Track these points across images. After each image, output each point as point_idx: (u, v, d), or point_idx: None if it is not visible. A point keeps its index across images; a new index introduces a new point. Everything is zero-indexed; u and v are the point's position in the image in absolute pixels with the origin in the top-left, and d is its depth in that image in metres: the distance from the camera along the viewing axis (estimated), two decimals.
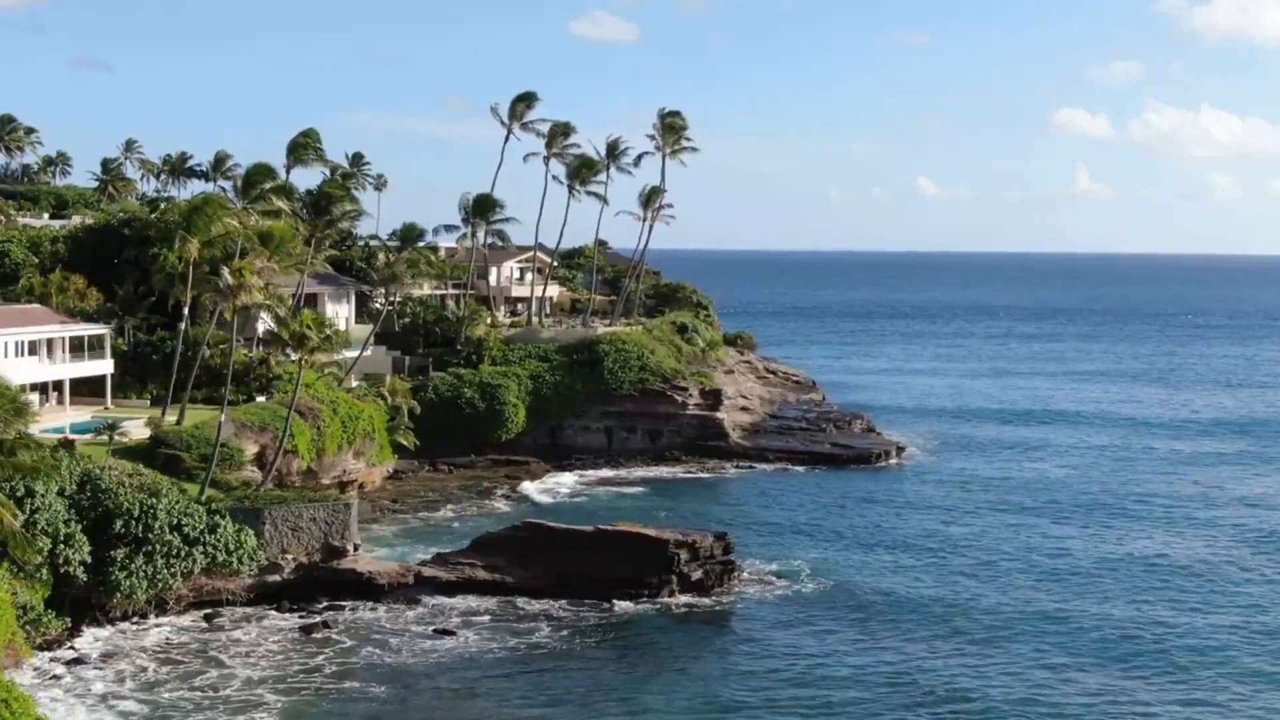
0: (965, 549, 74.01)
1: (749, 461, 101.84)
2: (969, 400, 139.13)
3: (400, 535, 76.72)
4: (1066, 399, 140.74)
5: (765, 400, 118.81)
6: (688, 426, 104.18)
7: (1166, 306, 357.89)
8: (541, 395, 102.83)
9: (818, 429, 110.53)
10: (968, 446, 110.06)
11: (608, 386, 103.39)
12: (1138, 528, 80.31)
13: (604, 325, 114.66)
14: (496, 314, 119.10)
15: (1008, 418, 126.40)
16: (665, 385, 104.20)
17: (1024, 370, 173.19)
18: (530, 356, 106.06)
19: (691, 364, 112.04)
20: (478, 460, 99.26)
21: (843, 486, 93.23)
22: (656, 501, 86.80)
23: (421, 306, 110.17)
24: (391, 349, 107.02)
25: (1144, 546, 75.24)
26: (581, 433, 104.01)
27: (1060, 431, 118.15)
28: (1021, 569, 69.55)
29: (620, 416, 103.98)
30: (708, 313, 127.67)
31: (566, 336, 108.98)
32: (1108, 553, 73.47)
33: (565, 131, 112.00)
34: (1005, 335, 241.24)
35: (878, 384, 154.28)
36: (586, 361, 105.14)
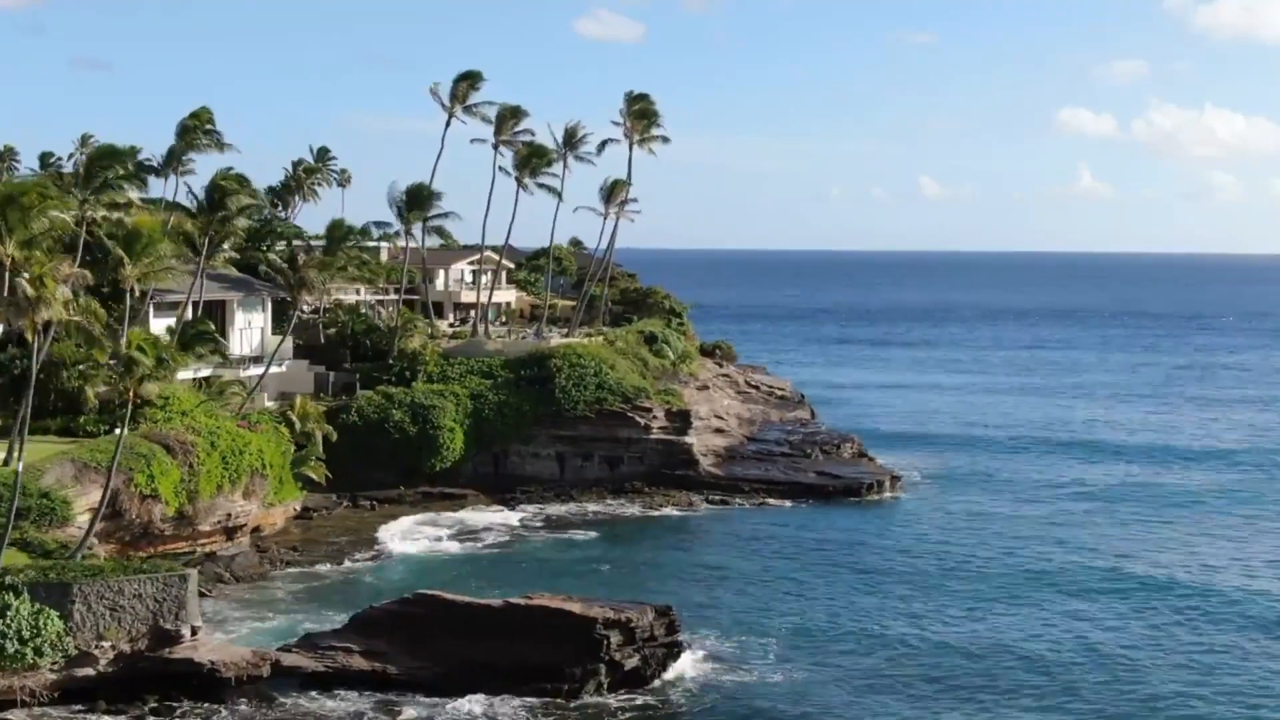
0: (963, 626, 60.25)
1: (721, 494, 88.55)
2: (973, 418, 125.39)
3: (288, 599, 63.49)
4: (1086, 419, 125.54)
5: (744, 420, 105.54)
6: (652, 453, 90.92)
7: (1182, 307, 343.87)
8: (483, 417, 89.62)
9: (802, 454, 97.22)
10: (971, 476, 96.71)
11: (560, 407, 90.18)
12: (1176, 598, 63.81)
13: (560, 336, 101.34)
14: (440, 323, 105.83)
15: (1018, 441, 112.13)
16: (626, 406, 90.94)
17: (1037, 383, 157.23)
18: (472, 372, 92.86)
19: (660, 379, 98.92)
20: (407, 494, 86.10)
21: (827, 526, 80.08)
22: (605, 549, 73.59)
23: (351, 315, 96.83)
24: (316, 363, 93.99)
25: (1184, 626, 61.43)
26: (530, 460, 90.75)
27: (1080, 460, 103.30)
28: (1040, 664, 54.85)
29: (574, 441, 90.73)
30: (681, 321, 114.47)
31: (515, 349, 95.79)
32: (1143, 638, 58.54)
33: (515, 115, 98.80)
34: (1015, 341, 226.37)
35: (873, 398, 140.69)
36: (536, 378, 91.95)
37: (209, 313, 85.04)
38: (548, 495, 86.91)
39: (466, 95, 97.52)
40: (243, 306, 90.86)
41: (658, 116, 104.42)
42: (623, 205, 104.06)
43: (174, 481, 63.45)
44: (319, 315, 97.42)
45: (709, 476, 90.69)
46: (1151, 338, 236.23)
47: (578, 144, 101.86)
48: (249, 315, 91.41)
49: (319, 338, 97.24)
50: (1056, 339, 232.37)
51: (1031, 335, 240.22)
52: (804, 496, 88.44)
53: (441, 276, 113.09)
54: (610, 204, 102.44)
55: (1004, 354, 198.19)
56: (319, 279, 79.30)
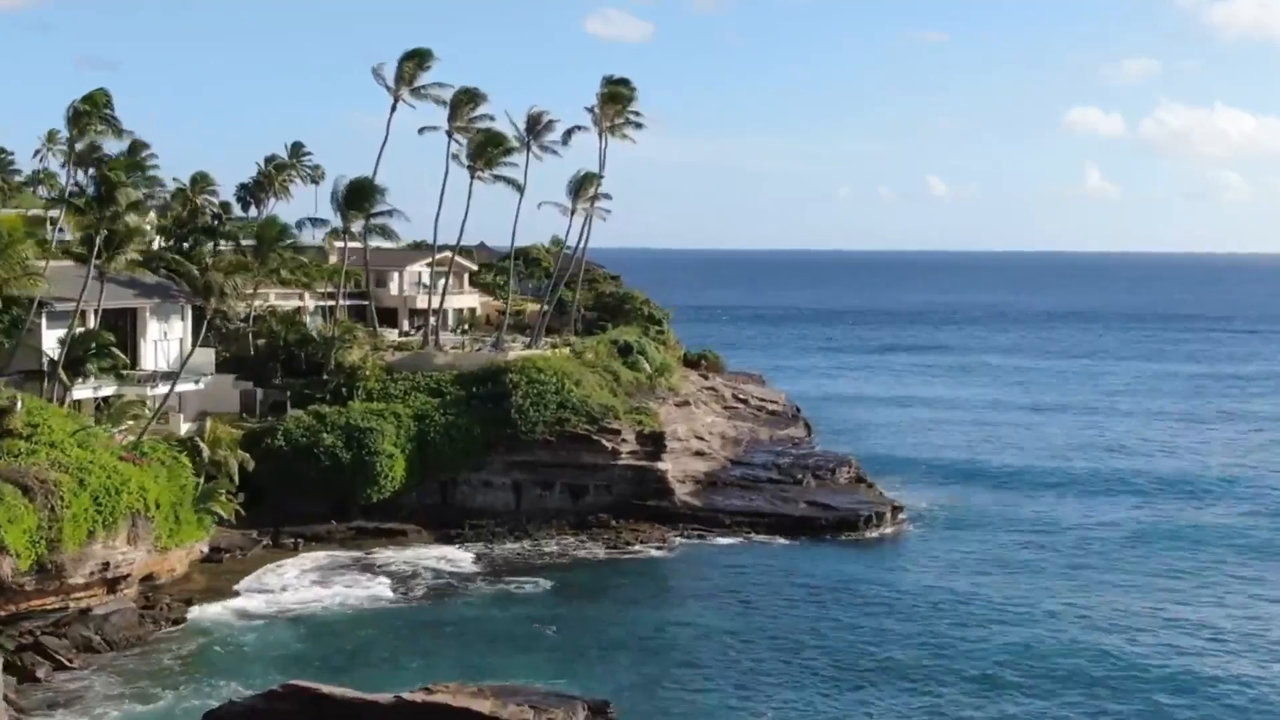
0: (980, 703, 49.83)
1: (699, 527, 78.33)
2: (986, 437, 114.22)
3: (176, 668, 53.49)
4: (1112, 439, 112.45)
5: (729, 440, 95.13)
6: (620, 481, 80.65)
7: (1199, 308, 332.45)
8: (428, 441, 79.46)
9: (792, 480, 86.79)
10: (983, 507, 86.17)
11: (516, 429, 79.83)
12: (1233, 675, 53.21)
13: (521, 346, 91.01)
14: (389, 333, 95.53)
15: (1037, 465, 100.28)
16: (591, 427, 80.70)
17: (1055, 397, 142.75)
18: (418, 389, 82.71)
19: (634, 396, 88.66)
20: (338, 530, 75.96)
21: (818, 571, 69.84)
22: (555, 603, 63.30)
23: (283, 324, 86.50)
24: (244, 378, 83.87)
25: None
26: (481, 490, 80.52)
27: (1107, 489, 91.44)
28: None
29: (532, 468, 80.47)
30: (661, 329, 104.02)
31: (468, 362, 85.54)
32: None
33: (472, 99, 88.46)
34: (1030, 347, 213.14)
35: (876, 412, 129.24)
36: (490, 396, 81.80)
37: (115, 323, 75.18)
38: (500, 531, 76.71)
39: (414, 76, 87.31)
40: (157, 315, 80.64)
41: (632, 102, 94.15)
42: (593, 201, 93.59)
43: (27, 528, 53.25)
44: (248, 324, 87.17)
45: (685, 508, 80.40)
46: (1172, 342, 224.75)
47: (542, 132, 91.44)
48: (165, 325, 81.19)
49: (250, 349, 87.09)
50: (1073, 344, 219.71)
51: (1047, 340, 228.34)
52: (793, 531, 78.11)
53: (396, 280, 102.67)
54: (578, 199, 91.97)
55: (1019, 362, 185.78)
56: (229, 283, 68.72)
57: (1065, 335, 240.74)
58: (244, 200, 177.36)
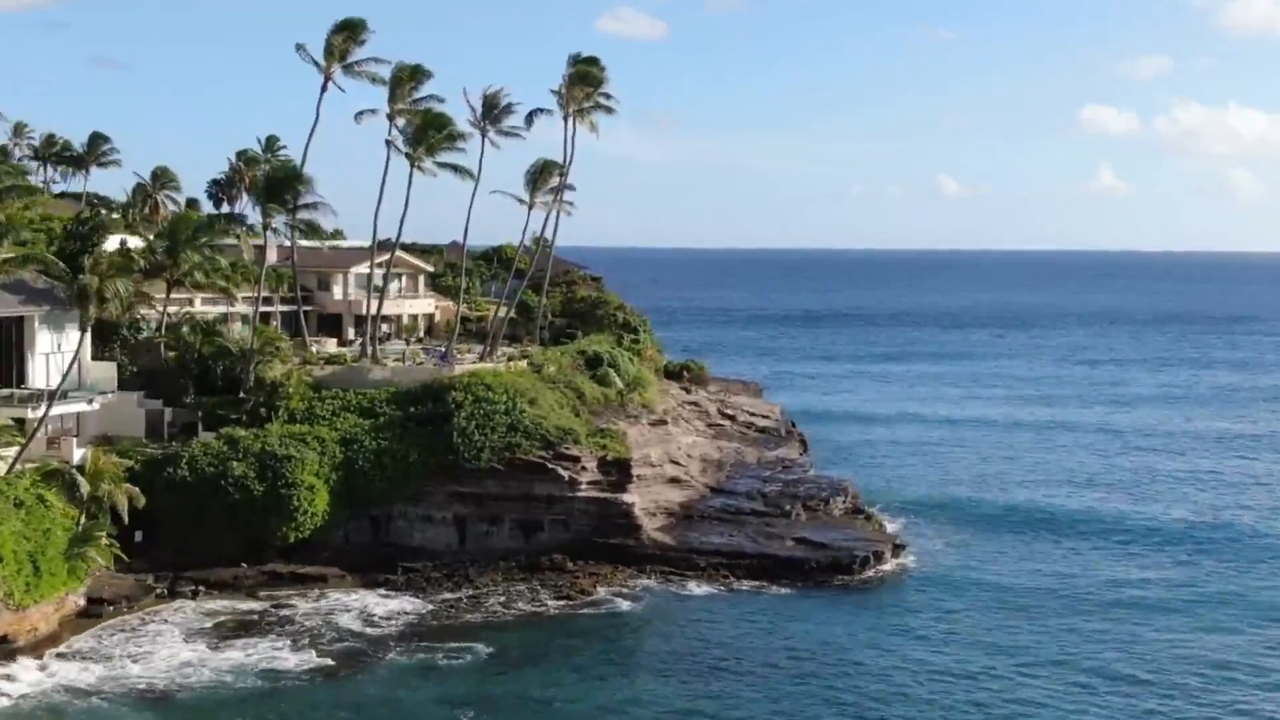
0: None
1: (670, 570, 68.41)
2: (1004, 460, 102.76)
3: None
4: (1147, 470, 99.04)
5: (710, 463, 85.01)
6: (580, 515, 70.67)
7: (1220, 309, 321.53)
8: (357, 470, 69.55)
9: (778, 511, 76.69)
10: (998, 545, 76.06)
11: (459, 455, 69.89)
12: None
13: (476, 358, 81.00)
14: (327, 343, 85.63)
15: (1062, 497, 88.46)
16: (546, 453, 70.75)
17: (1078, 413, 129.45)
18: (348, 409, 72.84)
19: (602, 414, 78.64)
20: (248, 575, 66.06)
21: (803, 631, 60.03)
22: (482, 678, 53.47)
23: (199, 335, 76.51)
24: (152, 396, 74.08)
25: None
26: (419, 526, 70.62)
27: (1140, 534, 78.12)
28: None
29: (478, 501, 70.56)
30: (636, 337, 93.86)
31: (408, 377, 75.60)
32: None
33: (415, 77, 78.39)
34: (1048, 353, 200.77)
35: (880, 429, 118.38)
36: (430, 417, 71.92)
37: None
38: (437, 577, 66.83)
39: (346, 51, 77.44)
40: (49, 324, 71.04)
41: (603, 83, 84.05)
42: (556, 193, 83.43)
43: None
44: (160, 334, 77.27)
45: (655, 546, 70.41)
46: (1196, 346, 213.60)
47: (501, 115, 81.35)
48: (58, 336, 71.54)
49: (162, 362, 77.20)
50: (1094, 349, 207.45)
51: (1065, 345, 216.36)
52: (778, 575, 68.15)
53: (340, 282, 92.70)
54: (537, 191, 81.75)
55: (1037, 370, 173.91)
56: (109, 288, 58.78)
57: (1083, 339, 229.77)
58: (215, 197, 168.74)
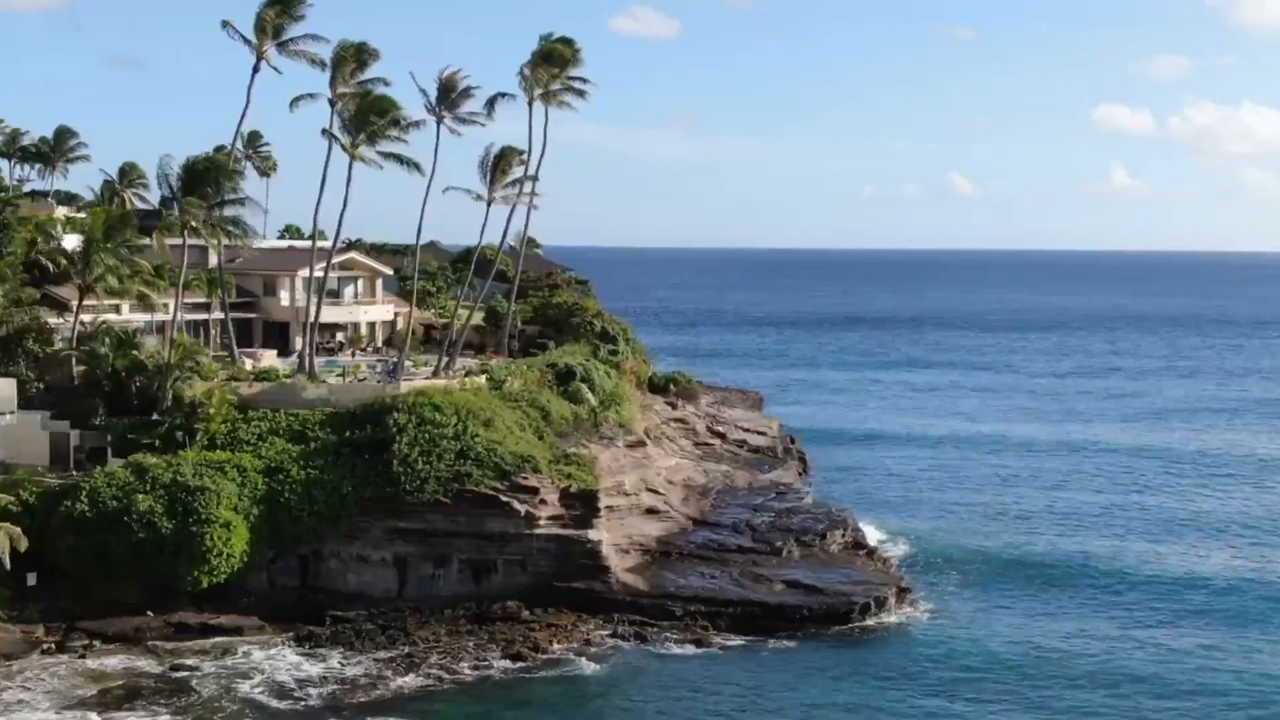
0: None
1: (641, 620, 60.08)
2: (1026, 484, 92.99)
3: None
4: (1187, 496, 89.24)
5: (694, 490, 76.50)
6: (539, 555, 62.16)
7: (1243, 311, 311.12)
8: (282, 503, 61.02)
9: (768, 547, 68.00)
10: (1019, 587, 67.24)
11: (400, 486, 61.33)
12: None
13: (425, 373, 72.43)
14: (264, 355, 77.13)
15: (1089, 532, 78.59)
16: (501, 484, 62.20)
17: (1105, 430, 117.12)
18: (276, 433, 64.33)
19: (571, 436, 70.17)
20: (152, 625, 57.79)
21: (794, 701, 51.20)
22: None
23: (114, 347, 68.05)
24: (60, 416, 65.84)
25: None
26: (354, 568, 62.19)
27: (1184, 584, 67.34)
28: None
29: (422, 539, 62.08)
30: (615, 348, 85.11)
31: (348, 396, 67.02)
32: None
33: (359, 57, 69.87)
34: (1070, 361, 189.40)
35: (888, 446, 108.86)
36: (368, 443, 63.31)
37: None
38: (371, 628, 58.44)
39: (280, 28, 68.89)
40: None
41: (571, 64, 75.50)
42: (518, 186, 74.72)
43: None
44: (72, 346, 68.89)
45: (625, 591, 61.89)
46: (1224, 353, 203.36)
47: (458, 101, 72.78)
48: None
49: (72, 378, 68.87)
50: (1116, 355, 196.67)
51: (1086, 349, 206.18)
52: (766, 625, 59.80)
53: (287, 287, 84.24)
54: (496, 184, 73.04)
55: (1058, 379, 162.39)
56: None
57: (1103, 343, 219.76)
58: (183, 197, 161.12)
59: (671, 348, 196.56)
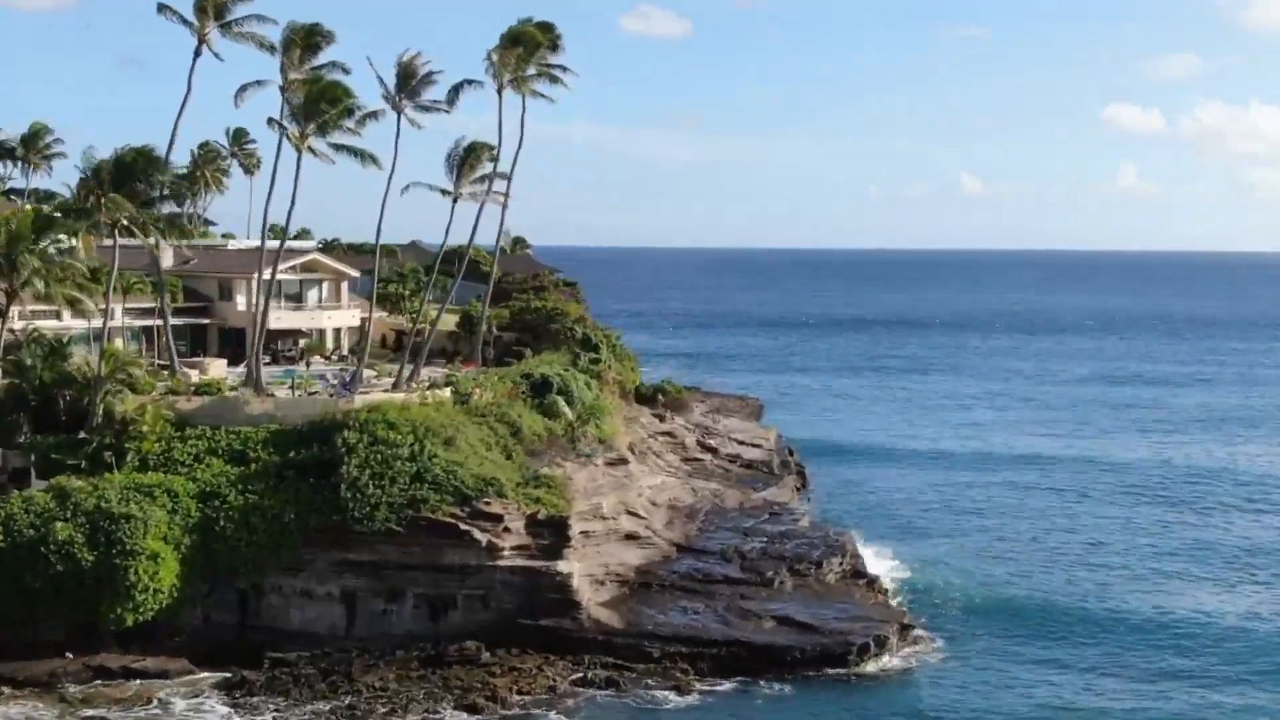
0: None
1: (615, 663, 54.22)
2: (1042, 503, 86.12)
3: None
4: (1211, 526, 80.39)
5: (680, 511, 70.73)
6: (503, 589, 56.44)
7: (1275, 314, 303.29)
8: (217, 532, 55.34)
9: (758, 578, 62.17)
10: (1038, 623, 61.17)
11: (348, 513, 55.58)
12: None
13: (385, 385, 66.68)
14: (212, 365, 71.42)
15: (1111, 564, 71.53)
16: (461, 510, 56.42)
17: (1125, 449, 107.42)
18: (214, 453, 58.64)
19: (545, 454, 64.43)
20: (70, 668, 52.34)
21: None
22: None
23: (42, 357, 62.33)
24: None
25: None
26: (298, 604, 56.48)
27: (1220, 624, 60.81)
28: None
29: (373, 572, 56.36)
30: (597, 355, 79.27)
31: (295, 411, 61.24)
32: None
33: (310, 40, 64.13)
34: (1082, 361, 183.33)
35: (894, 461, 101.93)
36: (314, 464, 57.58)
37: None
38: (312, 673, 52.92)
39: (222, 8, 63.20)
40: None
41: (543, 47, 69.71)
42: (487, 182, 68.89)
43: None
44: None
45: (598, 629, 56.13)
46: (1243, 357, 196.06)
47: (419, 88, 67.00)
48: None
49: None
50: (1131, 360, 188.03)
51: (1098, 354, 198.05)
52: (753, 668, 54.04)
53: (244, 290, 78.57)
54: (463, 180, 67.22)
55: (1078, 388, 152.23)
56: None
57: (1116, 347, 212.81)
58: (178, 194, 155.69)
59: (673, 350, 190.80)
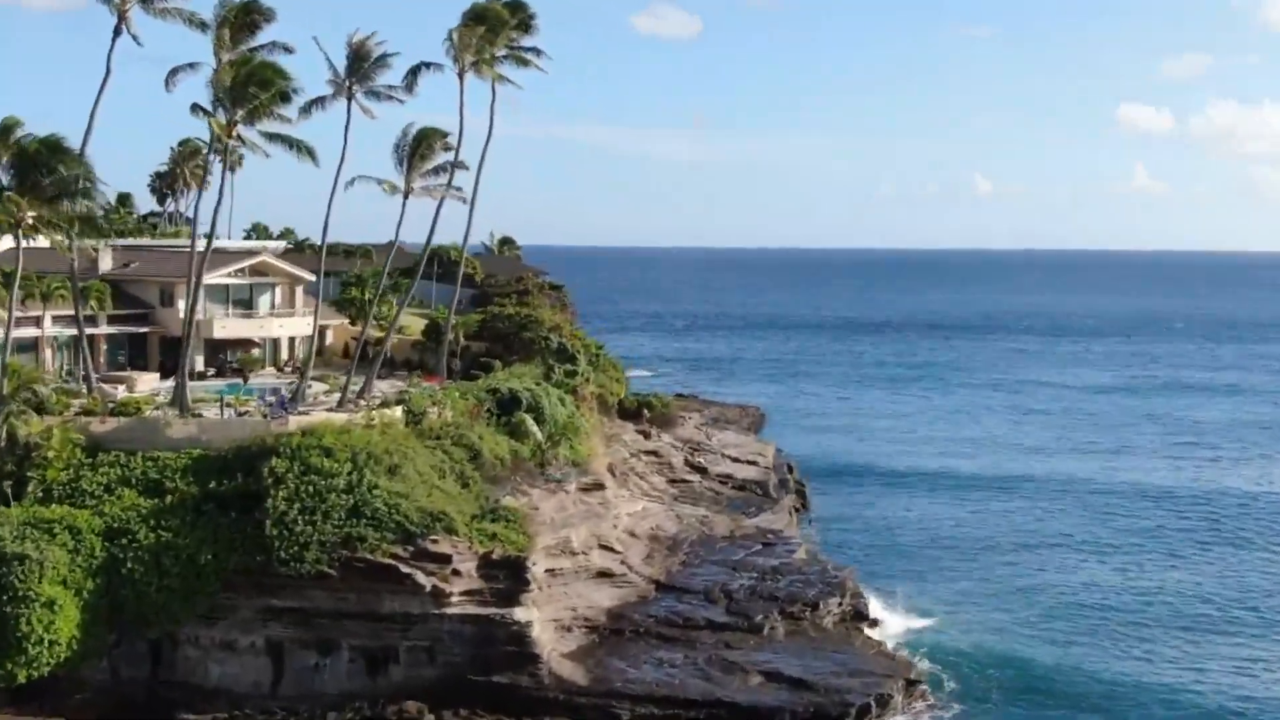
0: None
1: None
2: (1072, 531, 78.39)
3: None
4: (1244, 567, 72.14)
5: (663, 542, 64.06)
6: (451, 641, 49.84)
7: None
8: (125, 575, 48.72)
9: (745, 622, 55.47)
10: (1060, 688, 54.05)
11: (275, 554, 48.91)
12: None
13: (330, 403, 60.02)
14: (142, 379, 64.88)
15: (1156, 605, 64.40)
16: (404, 550, 49.71)
17: (1154, 470, 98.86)
18: (128, 482, 52.00)
19: (509, 480, 57.77)
20: None
21: None
22: None
23: None
24: None
25: None
26: (218, 656, 49.94)
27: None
28: None
29: (303, 620, 49.76)
30: (574, 368, 72.44)
31: (223, 434, 54.56)
32: None
33: (247, 20, 57.49)
34: (1103, 366, 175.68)
35: (902, 478, 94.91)
36: (236, 496, 50.90)
37: None
38: None
39: None
40: None
41: (509, 27, 62.95)
42: (443, 175, 62.11)
43: None
44: None
45: (559, 687, 49.52)
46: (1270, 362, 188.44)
47: (372, 71, 60.34)
48: None
49: None
50: (1154, 365, 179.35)
51: (1118, 358, 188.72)
52: None
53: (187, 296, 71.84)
54: (413, 171, 60.45)
55: (1105, 400, 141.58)
56: None
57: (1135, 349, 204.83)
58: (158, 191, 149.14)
59: (679, 354, 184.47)
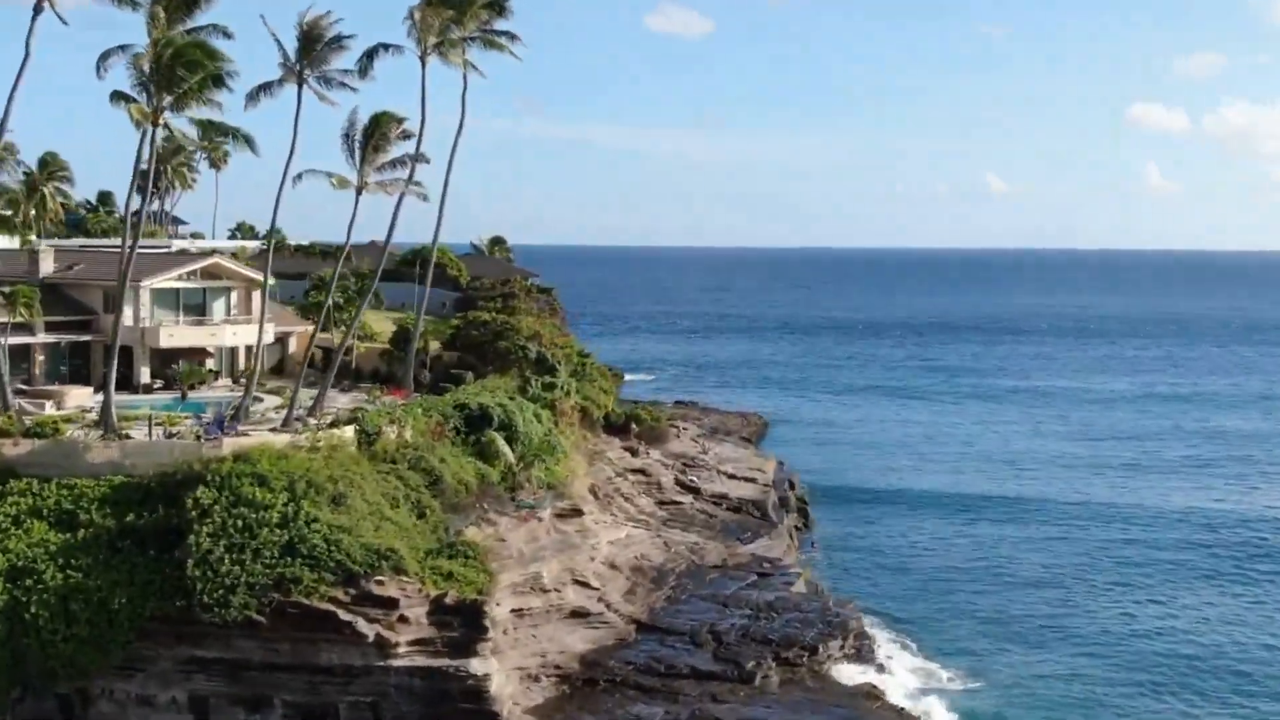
0: None
1: None
2: (1104, 569, 70.24)
3: None
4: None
5: (648, 574, 58.39)
6: (399, 696, 44.13)
7: None
8: (29, 620, 43.21)
9: (735, 670, 49.69)
10: None
11: (197, 598, 43.27)
12: None
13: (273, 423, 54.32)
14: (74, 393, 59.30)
15: (1202, 656, 57.09)
16: (345, 593, 44.03)
17: (1192, 491, 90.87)
18: (39, 514, 46.42)
19: (474, 508, 52.07)
20: None
21: None
22: None
23: None
24: None
25: None
26: (137, 712, 44.54)
27: None
28: None
29: (230, 673, 44.14)
30: (553, 380, 66.63)
31: (145, 460, 48.91)
32: None
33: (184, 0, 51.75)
34: (1128, 372, 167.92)
35: (911, 498, 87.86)
36: (155, 531, 45.28)
37: None
38: None
39: None
40: None
41: (479, 4, 57.29)
42: (401, 168, 56.38)
43: None
44: None
45: None
46: None
47: (325, 55, 54.71)
48: None
49: None
50: (1178, 371, 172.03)
51: (1140, 364, 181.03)
52: None
53: (132, 301, 66.29)
54: (367, 164, 54.71)
55: (1122, 407, 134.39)
56: None
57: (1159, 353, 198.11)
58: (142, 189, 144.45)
59: (679, 357, 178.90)
